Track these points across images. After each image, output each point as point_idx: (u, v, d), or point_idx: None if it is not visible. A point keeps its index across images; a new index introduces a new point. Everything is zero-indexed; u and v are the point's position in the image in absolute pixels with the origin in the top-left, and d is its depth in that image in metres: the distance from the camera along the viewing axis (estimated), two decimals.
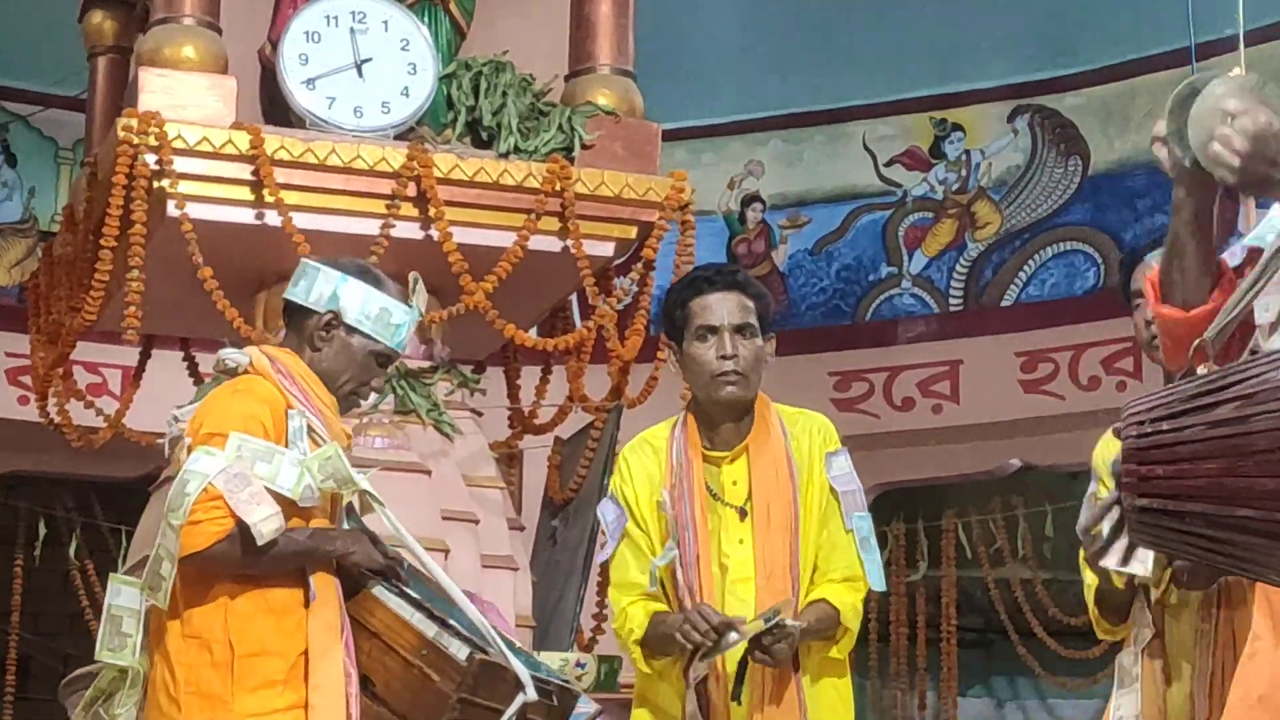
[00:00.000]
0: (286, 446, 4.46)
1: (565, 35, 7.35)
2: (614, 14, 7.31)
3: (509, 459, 7.69)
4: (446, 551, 6.63)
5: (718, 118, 11.46)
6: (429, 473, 6.77)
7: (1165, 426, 2.80)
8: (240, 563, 4.42)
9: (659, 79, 7.70)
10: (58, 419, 7.81)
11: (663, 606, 4.99)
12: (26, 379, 8.98)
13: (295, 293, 4.72)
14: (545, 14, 7.40)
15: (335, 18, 6.98)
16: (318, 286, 4.71)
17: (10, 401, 9.93)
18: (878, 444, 10.37)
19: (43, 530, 11.03)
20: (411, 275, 5.38)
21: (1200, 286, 3.60)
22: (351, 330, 4.69)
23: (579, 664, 6.85)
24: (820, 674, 5.08)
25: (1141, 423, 2.82)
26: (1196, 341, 3.05)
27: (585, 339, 7.18)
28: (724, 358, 5.01)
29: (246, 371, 4.64)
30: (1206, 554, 2.87)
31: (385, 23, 7.01)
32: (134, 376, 7.98)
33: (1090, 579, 4.83)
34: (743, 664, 4.92)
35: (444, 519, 6.71)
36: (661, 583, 5.03)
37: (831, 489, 5.09)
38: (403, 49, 6.99)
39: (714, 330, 5.04)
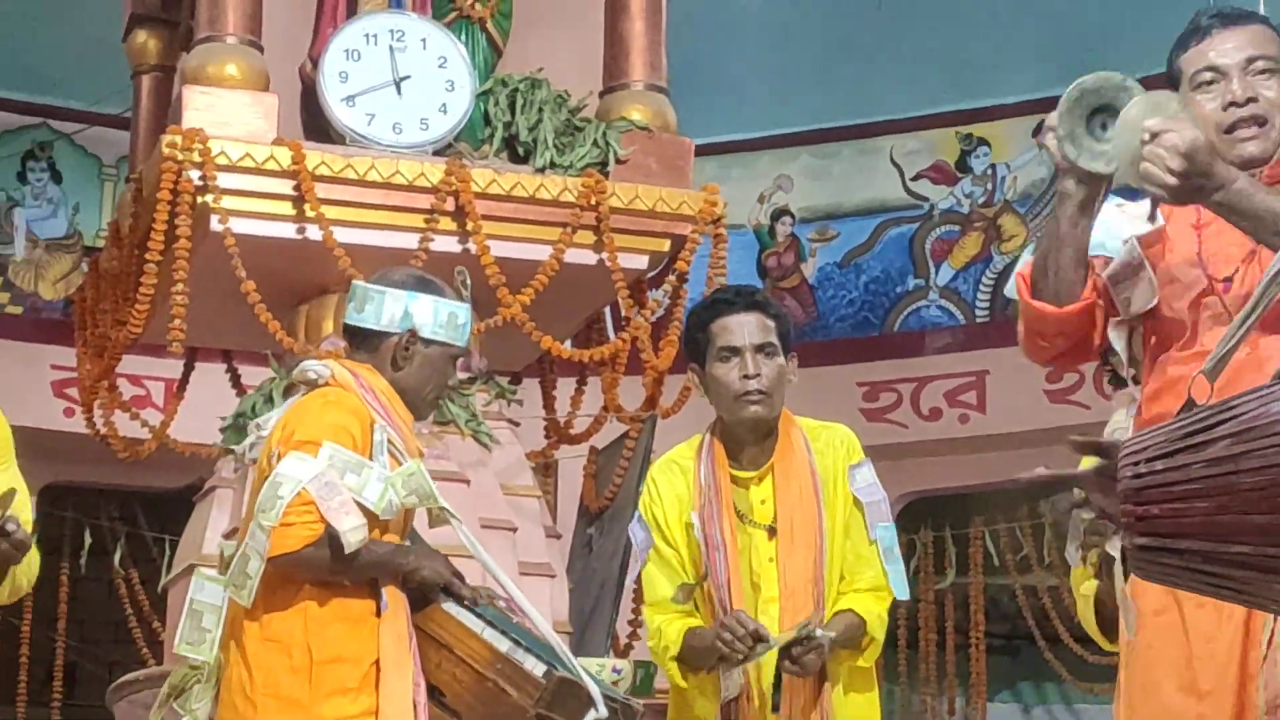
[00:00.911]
0: (370, 459, 4.49)
1: (599, 52, 7.35)
2: (647, 31, 7.31)
3: (545, 468, 7.70)
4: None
5: (748, 133, 11.46)
6: (467, 482, 6.78)
7: (1159, 466, 2.80)
8: (325, 568, 4.45)
9: (691, 95, 7.71)
10: (103, 430, 7.82)
11: (697, 621, 4.99)
12: (73, 391, 8.99)
13: (364, 318, 4.73)
14: (580, 32, 7.40)
15: (374, 36, 6.99)
16: (388, 308, 4.73)
17: (56, 413, 9.95)
18: (906, 453, 10.37)
19: (88, 540, 11.05)
20: (458, 271, 5.39)
21: (1074, 283, 3.63)
22: (429, 343, 4.73)
23: (615, 669, 6.85)
24: (849, 684, 5.08)
25: (1137, 463, 2.82)
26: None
27: (620, 350, 7.18)
28: (747, 377, 5.00)
29: (328, 383, 4.66)
30: (1208, 587, 2.88)
31: (423, 41, 7.01)
32: (178, 388, 7.99)
33: (1086, 589, 4.85)
34: (778, 676, 4.93)
35: (482, 527, 6.70)
36: (696, 603, 5.05)
37: (855, 500, 5.08)
38: (440, 66, 7.00)
39: (736, 351, 5.04)
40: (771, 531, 5.06)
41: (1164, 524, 2.79)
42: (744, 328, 5.08)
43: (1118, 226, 3.70)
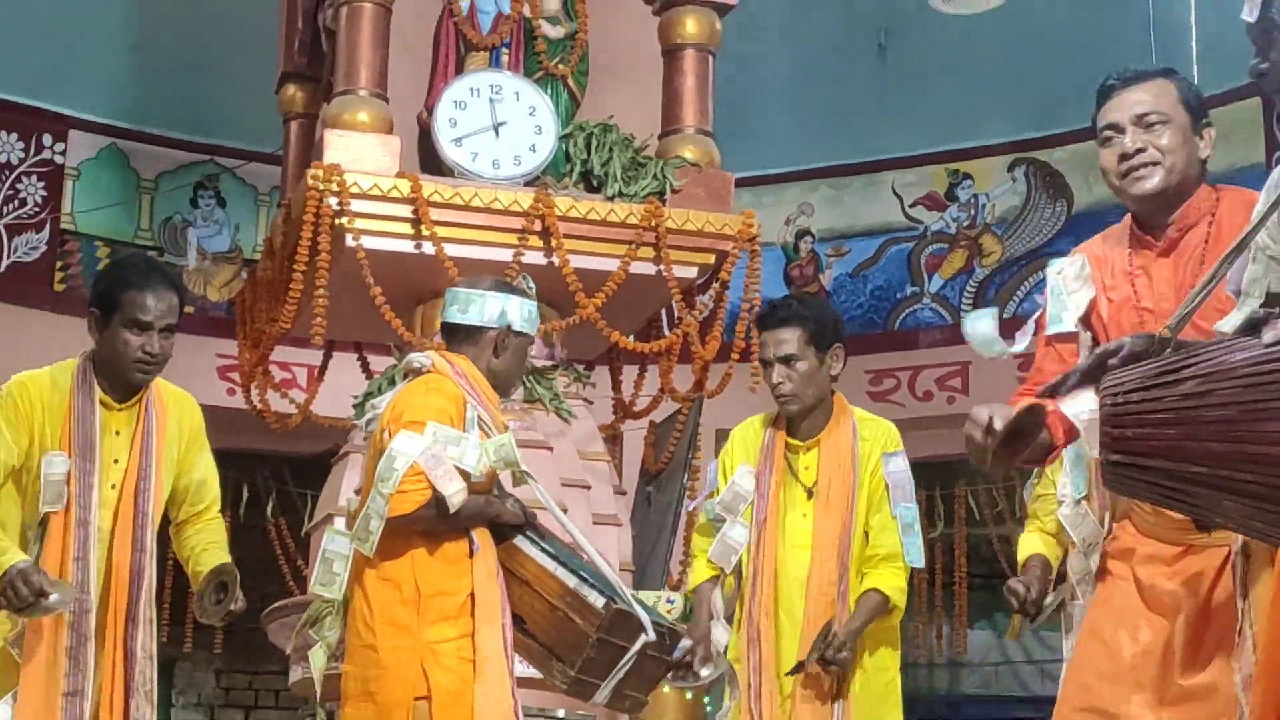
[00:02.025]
0: (465, 432, 4.51)
1: (659, 103, 7.33)
2: (697, 87, 7.29)
3: (613, 438, 7.69)
4: (565, 510, 6.65)
5: (777, 168, 11.46)
6: (551, 449, 6.78)
7: (1135, 398, 2.80)
8: (433, 524, 4.47)
9: (731, 138, 7.70)
10: (259, 406, 7.85)
11: (716, 572, 5.13)
12: (234, 375, 9.04)
13: (467, 317, 4.75)
14: (643, 86, 7.38)
15: (478, 90, 6.99)
16: (488, 309, 4.75)
17: (221, 393, 9.99)
18: (903, 428, 10.05)
19: (245, 495, 11.09)
20: (523, 276, 5.40)
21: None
22: (519, 335, 4.75)
23: (669, 600, 6.84)
24: (876, 639, 5.13)
25: (1116, 394, 2.82)
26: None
27: (674, 343, 7.17)
28: (774, 385, 5.12)
29: (430, 371, 4.67)
30: (1166, 499, 2.87)
31: (517, 94, 7.01)
32: (318, 373, 8.01)
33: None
34: (796, 668, 4.94)
35: (563, 485, 6.71)
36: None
37: (885, 482, 5.12)
38: (530, 115, 6.99)
39: (768, 363, 5.14)
40: (810, 492, 5.10)
41: (1135, 445, 2.78)
42: (772, 342, 5.16)
43: (1067, 298, 3.63)
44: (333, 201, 6.62)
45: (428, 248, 6.68)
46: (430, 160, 7.05)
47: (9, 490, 4.48)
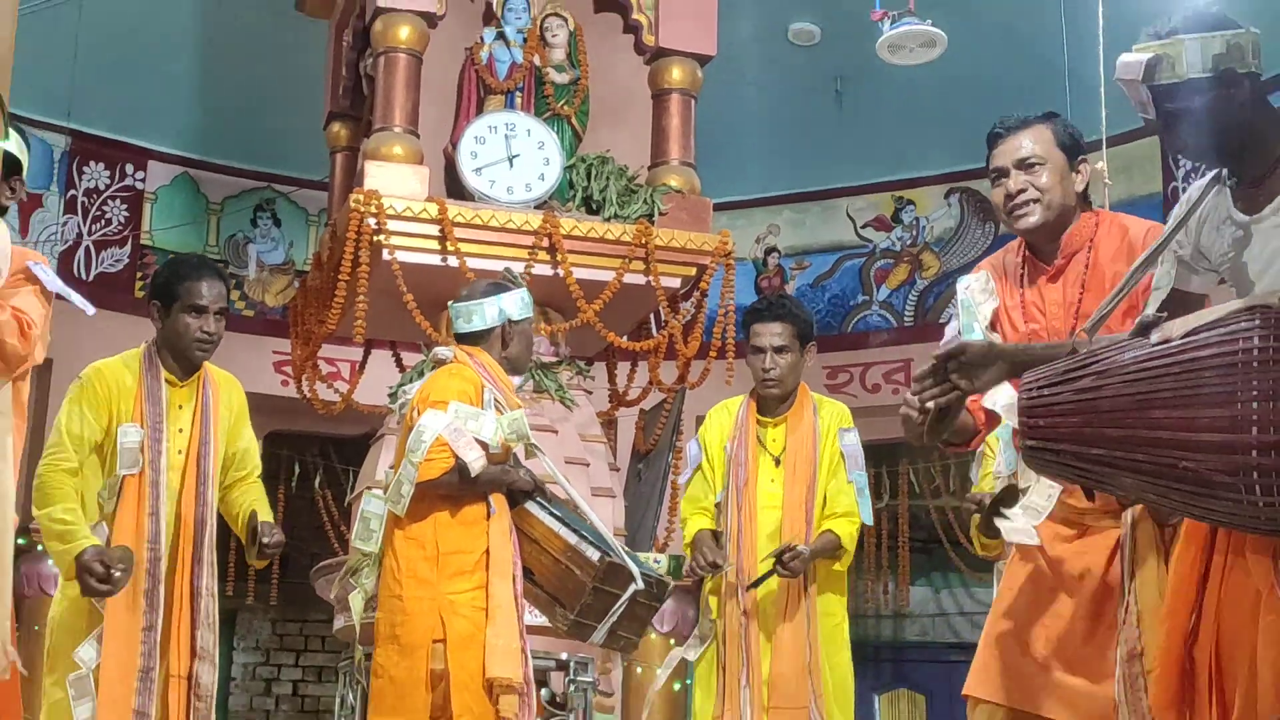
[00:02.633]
0: (483, 410, 4.53)
1: (649, 139, 7.33)
2: (681, 125, 7.29)
3: (609, 423, 7.70)
4: (570, 482, 6.66)
5: (749, 195, 11.46)
6: (556, 432, 6.77)
7: (1046, 392, 2.81)
8: (456, 488, 4.47)
9: (710, 168, 7.69)
10: (308, 395, 7.85)
11: (710, 523, 5.12)
12: (287, 369, 9.03)
13: (473, 325, 4.78)
14: (635, 125, 7.39)
15: (495, 127, 6.98)
16: (487, 313, 4.77)
17: (276, 384, 9.99)
18: (857, 415, 10.21)
19: (297, 470, 11.10)
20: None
21: (966, 432, 3.52)
22: (519, 322, 4.76)
23: (656, 560, 6.84)
24: (825, 585, 5.14)
25: (1031, 389, 2.83)
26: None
27: (661, 342, 7.17)
28: (765, 370, 5.12)
29: (453, 361, 4.69)
30: (1076, 477, 2.88)
31: (528, 131, 7.01)
32: (359, 367, 8.01)
33: (975, 520, 4.84)
34: (766, 575, 4.97)
35: (566, 462, 6.71)
36: (718, 506, 5.13)
37: (841, 453, 5.16)
38: (539, 149, 6.99)
39: (760, 351, 5.14)
40: (777, 461, 5.15)
41: (1046, 431, 2.80)
42: (768, 333, 5.19)
43: (975, 309, 3.61)
44: (371, 221, 6.62)
45: (452, 261, 6.69)
46: (455, 187, 7.05)
47: (92, 461, 4.52)
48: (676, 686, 9.31)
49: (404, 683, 4.46)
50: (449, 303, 4.93)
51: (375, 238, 6.62)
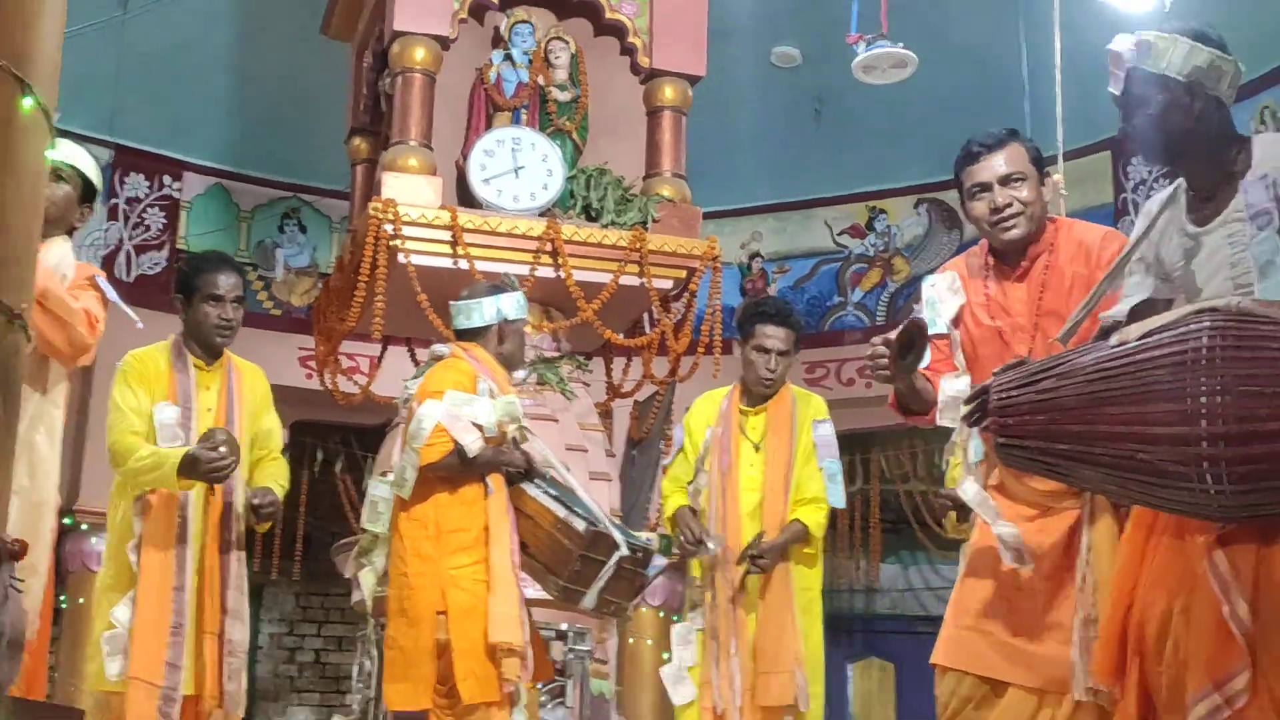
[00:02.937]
0: (477, 396, 4.53)
1: (643, 152, 7.33)
2: (673, 140, 7.30)
3: (606, 413, 7.71)
4: (567, 468, 6.65)
5: (734, 204, 11.45)
6: (557, 421, 6.78)
7: (1015, 393, 2.83)
8: (456, 469, 4.47)
9: (700, 179, 7.69)
10: (330, 387, 7.86)
11: (686, 501, 5.14)
12: (311, 363, 9.03)
13: (471, 322, 4.79)
14: (631, 139, 7.38)
15: (502, 141, 6.99)
16: (485, 311, 4.78)
17: (300, 377, 9.96)
18: (833, 407, 10.04)
19: (320, 456, 11.09)
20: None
21: (925, 402, 3.58)
22: (514, 322, 4.75)
23: (647, 540, 6.82)
24: (800, 560, 5.14)
25: (1001, 392, 2.85)
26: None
27: (653, 339, 7.18)
28: (769, 370, 5.10)
29: (450, 356, 4.69)
30: (1043, 470, 2.89)
31: (533, 145, 7.01)
32: (377, 361, 8.02)
33: (952, 516, 4.85)
34: (745, 575, 4.98)
35: (566, 449, 6.72)
36: (699, 488, 5.13)
37: (815, 442, 5.15)
38: (543, 161, 6.99)
39: (765, 351, 5.12)
40: (756, 448, 5.14)
41: (1016, 429, 2.81)
42: (776, 337, 5.15)
43: (940, 305, 3.63)
44: (389, 228, 6.62)
45: (463, 264, 6.69)
46: (465, 196, 7.05)
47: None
48: (666, 655, 9.32)
49: (411, 652, 4.47)
50: (450, 301, 4.94)
51: (392, 243, 6.62)
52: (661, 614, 10.39)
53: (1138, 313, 3.02)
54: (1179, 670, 2.79)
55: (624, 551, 4.52)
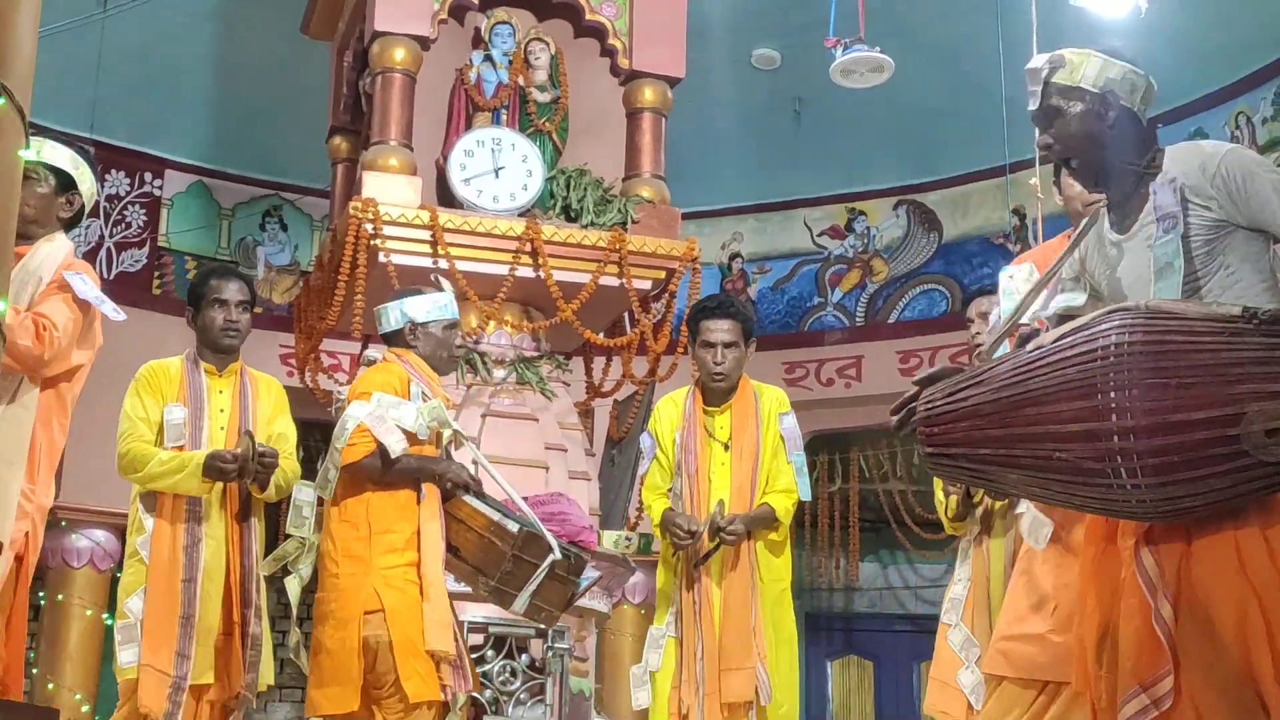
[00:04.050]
0: (407, 401, 4.52)
1: (623, 153, 7.33)
2: (652, 141, 7.30)
3: (585, 412, 7.70)
4: (547, 468, 6.64)
5: (714, 205, 11.47)
6: (537, 420, 6.77)
7: (940, 404, 2.86)
8: (379, 471, 4.43)
9: (679, 180, 7.70)
10: (311, 385, 7.84)
11: (666, 505, 5.11)
12: (292, 361, 9.01)
13: (384, 327, 4.83)
14: (611, 140, 7.37)
15: (482, 141, 6.98)
16: (391, 316, 4.80)
17: (282, 375, 9.86)
18: (812, 406, 10.34)
19: (301, 454, 10.94)
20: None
21: None
22: (426, 324, 4.73)
23: (627, 538, 6.83)
24: (767, 547, 5.14)
25: (928, 403, 2.88)
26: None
27: (633, 339, 7.17)
28: (716, 364, 5.08)
29: (383, 360, 4.69)
30: (968, 477, 2.92)
31: (513, 145, 7.00)
32: (357, 359, 7.94)
33: (939, 496, 4.86)
34: (712, 550, 4.96)
35: (546, 448, 6.73)
36: (678, 490, 5.11)
37: (781, 435, 5.14)
38: (523, 161, 6.98)
39: (711, 345, 5.10)
40: (726, 447, 5.12)
41: (941, 438, 2.84)
42: (718, 330, 5.14)
43: (1016, 296, 3.65)
44: (369, 227, 6.60)
45: (443, 263, 6.67)
46: (445, 195, 7.03)
47: None
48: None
49: (339, 654, 4.39)
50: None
51: (372, 242, 6.60)
52: (643, 611, 10.39)
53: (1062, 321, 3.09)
54: (1115, 675, 2.82)
55: (557, 555, 4.47)
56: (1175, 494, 2.61)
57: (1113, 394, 2.57)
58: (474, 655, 5.84)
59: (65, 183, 4.03)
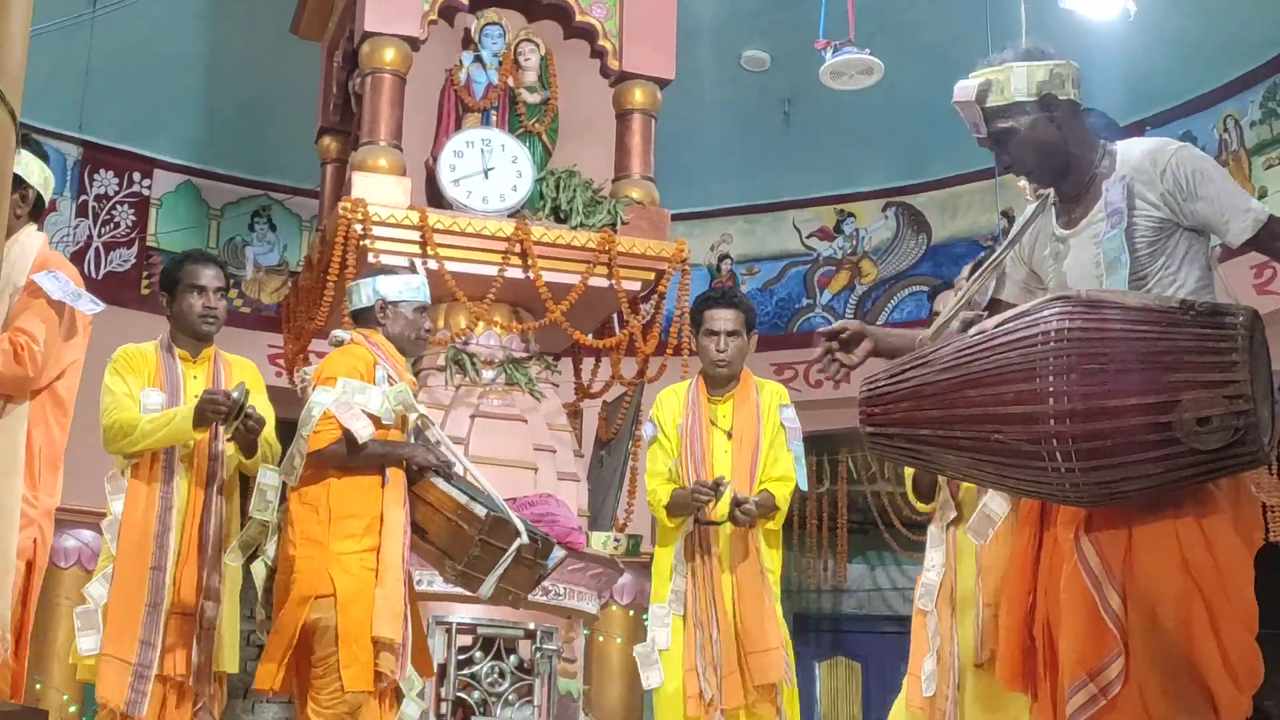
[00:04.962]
0: (372, 385, 4.51)
1: (612, 154, 7.32)
2: (642, 143, 7.29)
3: (574, 413, 7.69)
4: (536, 469, 6.64)
5: (704, 206, 11.48)
6: (526, 421, 6.77)
7: (881, 385, 2.91)
8: (344, 458, 4.41)
9: (668, 182, 7.70)
10: (299, 386, 7.81)
11: (676, 486, 5.13)
12: (281, 361, 8.97)
13: (355, 303, 4.82)
14: (600, 142, 7.37)
15: (472, 143, 6.97)
16: (364, 292, 4.79)
17: (270, 375, 9.77)
18: (800, 408, 10.20)
19: None
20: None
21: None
22: (396, 304, 4.72)
23: (615, 539, 6.83)
24: (766, 540, 5.18)
25: (871, 383, 2.92)
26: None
27: (622, 340, 7.16)
28: (720, 351, 5.14)
29: (349, 342, 4.68)
30: (907, 459, 2.97)
31: (502, 146, 7.00)
32: None
33: (908, 472, 4.93)
34: (721, 522, 5.00)
35: (535, 449, 6.72)
36: (676, 475, 5.15)
37: (781, 425, 5.21)
38: (513, 162, 6.98)
39: (714, 334, 5.17)
40: (729, 435, 5.18)
41: (880, 419, 2.88)
42: (721, 318, 5.23)
43: None
44: (358, 227, 6.59)
45: (432, 264, 6.65)
46: (435, 196, 7.03)
47: None
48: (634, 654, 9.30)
49: (279, 632, 4.40)
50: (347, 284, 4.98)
51: (361, 242, 6.59)
52: (631, 613, 10.40)
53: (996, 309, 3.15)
54: (1055, 669, 2.85)
55: (524, 540, 4.46)
56: (1108, 479, 2.66)
57: (1051, 378, 2.63)
58: (462, 656, 5.85)
59: (16, 180, 3.92)
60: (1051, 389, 2.63)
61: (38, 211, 4.01)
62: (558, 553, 4.76)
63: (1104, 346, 2.64)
